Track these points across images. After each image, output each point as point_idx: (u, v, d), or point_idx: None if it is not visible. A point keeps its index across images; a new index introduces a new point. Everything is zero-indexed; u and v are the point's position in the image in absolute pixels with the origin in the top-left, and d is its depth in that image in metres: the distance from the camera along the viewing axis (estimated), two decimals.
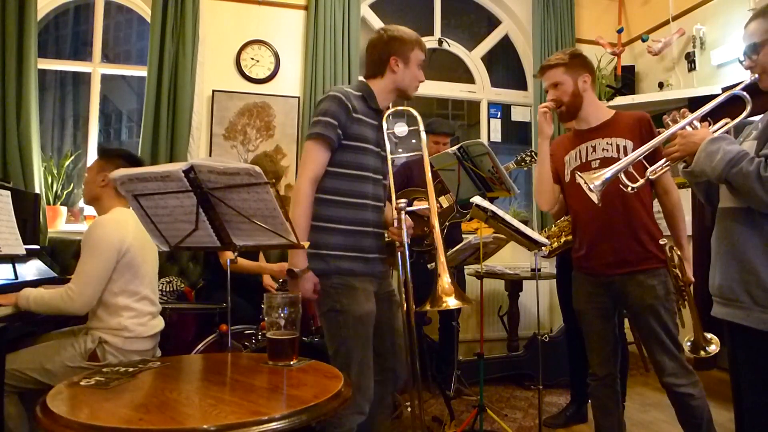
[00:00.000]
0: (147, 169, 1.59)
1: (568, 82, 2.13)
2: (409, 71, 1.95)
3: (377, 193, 1.94)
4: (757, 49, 1.54)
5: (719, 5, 3.99)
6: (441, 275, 1.64)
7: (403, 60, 1.94)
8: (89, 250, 1.96)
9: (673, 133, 1.65)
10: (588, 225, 2.13)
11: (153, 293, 2.16)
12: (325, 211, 1.85)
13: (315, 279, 1.79)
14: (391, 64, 1.94)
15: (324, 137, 1.81)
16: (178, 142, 3.72)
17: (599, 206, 1.72)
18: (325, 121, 1.81)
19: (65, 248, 3.46)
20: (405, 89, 1.98)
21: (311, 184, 1.81)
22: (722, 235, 1.60)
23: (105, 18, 4.07)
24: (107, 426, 1.09)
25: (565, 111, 2.16)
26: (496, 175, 2.73)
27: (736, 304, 1.53)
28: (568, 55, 2.15)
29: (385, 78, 1.96)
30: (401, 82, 1.96)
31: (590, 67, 2.18)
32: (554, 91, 2.16)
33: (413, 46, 1.95)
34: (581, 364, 3.05)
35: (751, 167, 1.42)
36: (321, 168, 1.83)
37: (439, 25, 4.73)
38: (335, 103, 1.83)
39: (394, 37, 1.95)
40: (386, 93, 1.98)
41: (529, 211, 4.78)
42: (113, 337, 1.99)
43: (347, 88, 1.92)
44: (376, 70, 1.97)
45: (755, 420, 1.54)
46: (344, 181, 1.86)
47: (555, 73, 2.14)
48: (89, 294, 1.93)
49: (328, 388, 1.34)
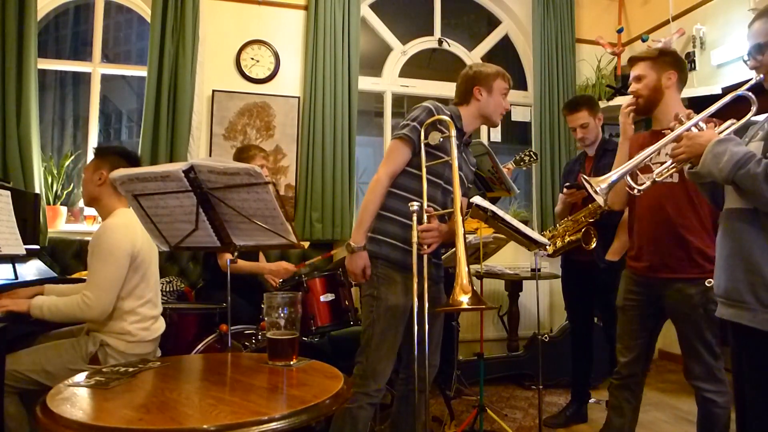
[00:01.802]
0: (147, 169, 1.59)
1: (651, 77, 2.12)
2: (493, 99, 2.13)
3: (445, 201, 2.07)
4: (763, 49, 1.54)
5: (719, 5, 3.99)
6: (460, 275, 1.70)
7: (486, 89, 2.12)
8: (102, 256, 1.94)
9: (679, 134, 1.64)
10: (641, 226, 2.16)
11: (156, 296, 2.16)
12: (391, 203, 2.02)
13: (367, 260, 1.98)
14: (475, 94, 2.12)
15: (409, 139, 2.00)
16: (178, 142, 3.72)
17: (653, 208, 1.75)
18: (413, 126, 2.01)
19: (65, 248, 3.46)
20: (489, 116, 2.15)
21: (389, 177, 2.01)
22: (728, 236, 1.60)
23: (105, 18, 4.06)
24: (107, 426, 1.09)
25: (642, 104, 2.15)
26: (496, 175, 2.74)
27: (741, 306, 1.52)
28: (658, 51, 2.15)
29: (470, 105, 2.14)
30: (485, 109, 2.13)
31: (680, 65, 2.15)
32: (636, 84, 2.15)
33: (495, 77, 2.13)
34: (583, 364, 3.06)
35: (758, 169, 1.41)
36: (400, 165, 2.02)
37: (439, 25, 4.73)
38: (425, 113, 2.02)
39: (478, 71, 2.16)
40: (472, 118, 2.15)
41: (529, 211, 4.77)
42: (116, 340, 1.99)
43: (441, 106, 2.10)
44: (462, 98, 2.17)
45: (758, 421, 1.54)
46: (416, 181, 2.00)
47: (641, 66, 2.15)
48: (107, 301, 1.93)
49: (328, 388, 1.34)
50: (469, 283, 1.67)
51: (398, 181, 2.03)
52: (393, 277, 1.98)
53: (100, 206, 2.13)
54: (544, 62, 4.58)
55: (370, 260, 1.99)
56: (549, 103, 4.53)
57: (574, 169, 3.05)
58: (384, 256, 1.99)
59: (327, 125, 4.01)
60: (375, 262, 2.00)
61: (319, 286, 2.49)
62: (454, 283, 1.69)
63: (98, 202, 2.13)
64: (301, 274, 2.64)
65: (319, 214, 3.96)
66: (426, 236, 1.84)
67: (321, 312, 2.47)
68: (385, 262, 1.99)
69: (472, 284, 1.69)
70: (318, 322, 2.46)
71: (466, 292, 1.66)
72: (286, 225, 1.62)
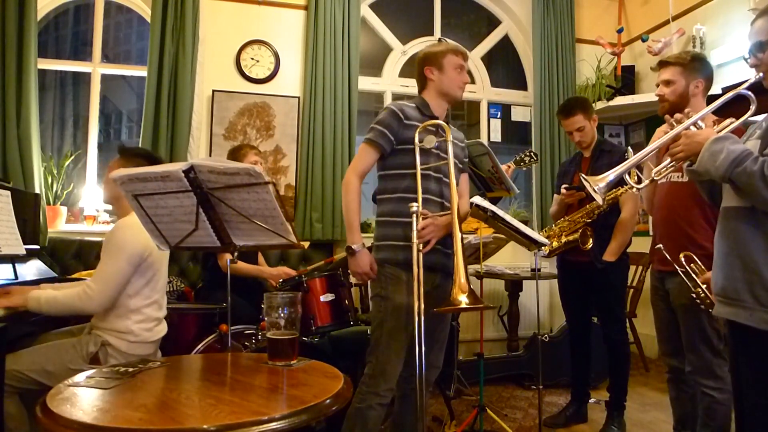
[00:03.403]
0: (147, 169, 1.59)
1: (680, 83, 2.15)
2: (446, 76, 2.11)
3: (440, 190, 2.07)
4: (763, 47, 1.53)
5: (719, 5, 3.99)
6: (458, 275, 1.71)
7: (436, 67, 2.11)
8: (113, 251, 1.96)
9: (678, 133, 1.65)
10: (655, 223, 2.29)
11: (162, 298, 2.17)
12: (388, 208, 2.06)
13: (370, 256, 2.02)
14: (427, 74, 2.13)
15: (374, 142, 2.04)
16: (178, 142, 3.72)
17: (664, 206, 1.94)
18: (378, 129, 2.05)
19: (65, 248, 3.46)
20: (447, 92, 2.13)
21: (358, 178, 2.05)
22: (726, 234, 1.60)
23: (105, 18, 4.06)
24: (107, 426, 1.09)
25: (666, 109, 2.17)
26: (496, 175, 2.74)
27: (739, 304, 1.52)
28: (690, 57, 2.16)
29: (429, 88, 2.15)
30: (441, 86, 2.12)
31: (709, 73, 2.18)
32: (664, 87, 2.18)
33: (444, 53, 2.12)
34: (582, 364, 3.06)
35: (755, 166, 1.41)
36: (368, 167, 2.08)
37: (439, 25, 4.73)
38: (388, 114, 2.05)
39: (426, 52, 2.16)
40: (436, 100, 2.15)
41: (529, 211, 4.77)
42: (118, 340, 1.99)
43: (404, 102, 2.14)
44: (421, 83, 2.18)
45: (756, 420, 1.54)
46: (405, 180, 2.03)
47: (671, 70, 2.17)
48: (109, 294, 1.94)
49: (328, 388, 1.34)
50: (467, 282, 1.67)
51: (388, 185, 2.07)
52: (399, 276, 1.99)
53: (119, 206, 2.14)
54: (544, 62, 4.58)
55: (377, 264, 2.02)
56: (549, 103, 4.53)
57: (569, 170, 3.03)
58: (389, 260, 2.02)
59: (327, 125, 4.01)
60: (381, 264, 2.03)
61: (319, 286, 2.49)
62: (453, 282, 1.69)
63: (118, 201, 2.13)
64: (301, 275, 2.64)
65: (319, 214, 3.96)
66: (424, 234, 1.87)
67: (321, 312, 2.47)
68: (391, 264, 2.01)
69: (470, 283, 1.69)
70: (318, 322, 2.46)
71: (464, 292, 1.66)
72: (286, 225, 1.61)
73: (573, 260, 2.89)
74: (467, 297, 1.68)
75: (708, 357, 2.04)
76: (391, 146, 2.05)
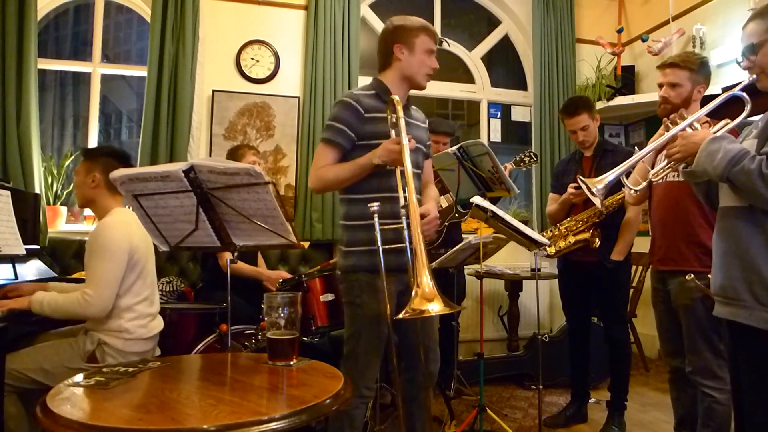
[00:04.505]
0: (147, 169, 1.60)
1: (686, 87, 2.14)
2: (415, 58, 1.91)
3: None
4: (756, 49, 1.54)
5: (719, 5, 3.99)
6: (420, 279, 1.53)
7: (407, 47, 1.91)
8: (100, 253, 1.95)
9: (674, 134, 1.65)
10: (654, 222, 2.29)
11: (153, 293, 2.16)
12: (353, 210, 1.91)
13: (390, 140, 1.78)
14: (395, 52, 1.92)
15: (331, 141, 1.89)
16: (178, 142, 3.72)
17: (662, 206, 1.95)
18: (334, 126, 1.88)
19: (65, 248, 3.46)
20: (412, 77, 1.93)
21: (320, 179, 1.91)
22: (724, 234, 1.60)
23: (105, 18, 4.06)
24: (107, 426, 1.09)
25: (668, 111, 2.15)
26: (496, 175, 2.74)
27: (738, 303, 1.52)
28: (699, 62, 2.15)
29: (393, 68, 1.94)
30: (407, 69, 1.92)
31: (709, 77, 2.19)
32: (669, 90, 2.16)
33: (419, 32, 1.92)
34: (581, 364, 3.06)
35: (752, 165, 1.42)
36: None
37: (439, 25, 4.72)
38: (344, 108, 1.88)
39: (397, 26, 1.93)
40: (397, 83, 1.94)
41: (529, 211, 4.77)
42: (113, 338, 1.99)
43: (358, 90, 1.94)
44: (384, 61, 1.95)
45: (755, 419, 1.54)
46: (372, 179, 1.87)
47: (679, 74, 2.14)
48: (107, 297, 1.93)
49: (328, 388, 1.34)
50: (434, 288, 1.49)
51: (354, 185, 1.89)
52: (373, 284, 1.85)
53: (96, 207, 2.13)
54: (544, 62, 4.58)
55: (347, 274, 1.90)
56: (549, 103, 4.52)
57: (569, 168, 3.00)
58: (359, 267, 1.88)
59: None
60: (353, 272, 1.89)
61: (319, 286, 2.49)
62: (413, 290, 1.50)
63: (94, 204, 2.12)
64: (301, 275, 2.64)
65: (319, 214, 3.96)
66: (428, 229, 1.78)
67: (321, 312, 2.47)
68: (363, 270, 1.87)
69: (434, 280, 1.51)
70: (318, 322, 2.46)
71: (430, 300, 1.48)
72: (286, 225, 1.62)
73: (574, 260, 2.89)
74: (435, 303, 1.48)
75: (708, 357, 2.04)
76: (352, 143, 1.88)
